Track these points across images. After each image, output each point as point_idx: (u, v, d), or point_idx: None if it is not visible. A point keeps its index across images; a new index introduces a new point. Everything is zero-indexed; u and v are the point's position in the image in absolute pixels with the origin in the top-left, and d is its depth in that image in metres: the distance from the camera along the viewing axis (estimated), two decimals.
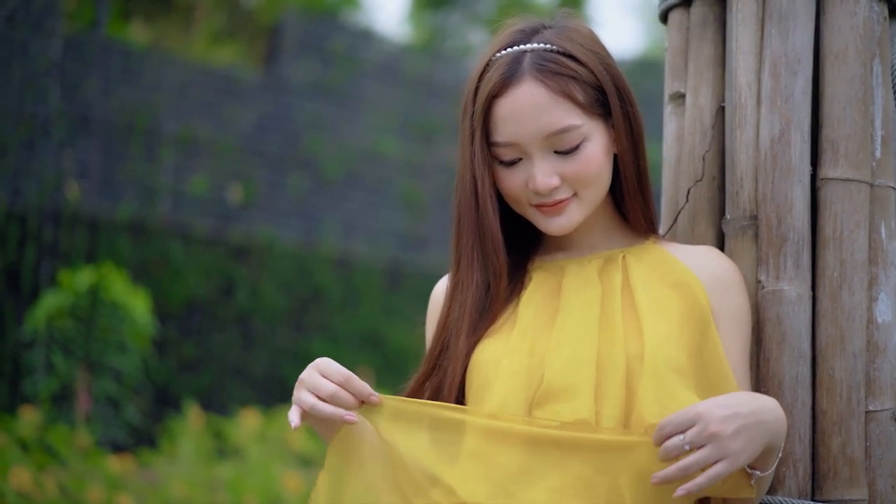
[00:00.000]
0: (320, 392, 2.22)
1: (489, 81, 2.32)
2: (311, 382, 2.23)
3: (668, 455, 2.08)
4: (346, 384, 2.23)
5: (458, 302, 2.39)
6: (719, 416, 2.08)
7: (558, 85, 2.28)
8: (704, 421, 2.07)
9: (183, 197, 11.23)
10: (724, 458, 2.07)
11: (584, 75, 2.31)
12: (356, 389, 2.23)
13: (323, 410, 2.20)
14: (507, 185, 2.36)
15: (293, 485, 7.68)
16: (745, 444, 2.09)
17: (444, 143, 12.70)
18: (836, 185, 2.42)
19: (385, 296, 12.15)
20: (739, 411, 2.10)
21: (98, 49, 10.80)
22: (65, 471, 7.03)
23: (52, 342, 8.29)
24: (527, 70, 2.30)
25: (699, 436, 2.07)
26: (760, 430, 2.12)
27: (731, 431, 2.08)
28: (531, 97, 2.29)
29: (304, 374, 2.25)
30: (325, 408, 2.20)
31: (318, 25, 12.58)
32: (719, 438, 2.07)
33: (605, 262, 2.39)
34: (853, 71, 2.43)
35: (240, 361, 11.12)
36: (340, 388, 2.22)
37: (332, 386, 2.22)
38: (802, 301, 2.39)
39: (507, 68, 2.31)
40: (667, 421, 2.09)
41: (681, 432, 2.08)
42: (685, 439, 2.07)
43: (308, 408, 2.21)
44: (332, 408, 2.21)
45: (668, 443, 2.08)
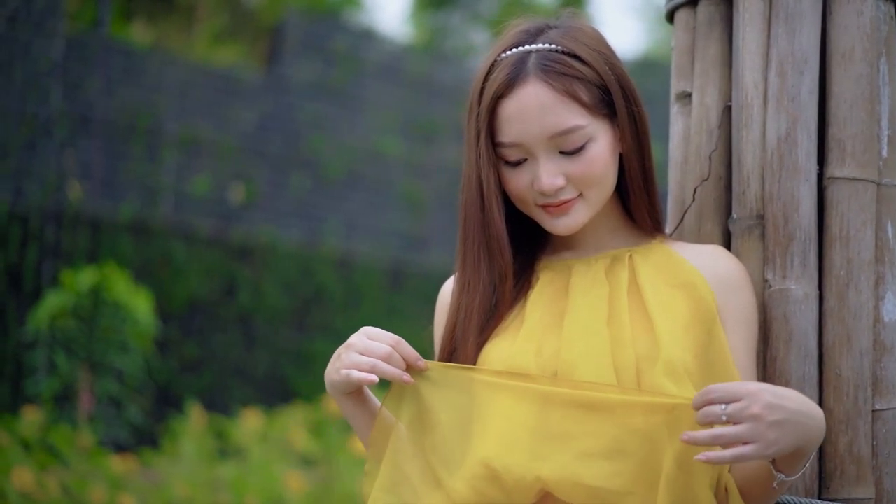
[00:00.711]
0: (375, 353, 2.26)
1: (494, 82, 2.32)
2: (362, 346, 2.27)
3: (704, 419, 2.07)
4: (397, 347, 2.27)
5: (464, 303, 2.38)
6: (766, 401, 2.07)
7: (563, 85, 2.28)
8: (750, 399, 2.06)
9: (185, 197, 11.23)
10: (755, 442, 2.06)
11: (589, 75, 2.31)
12: (405, 353, 2.28)
13: (385, 370, 2.25)
14: (513, 185, 2.36)
15: (295, 485, 7.68)
16: (780, 436, 2.07)
17: (445, 142, 12.70)
18: (842, 184, 2.42)
19: (387, 296, 12.15)
20: (787, 405, 2.08)
21: (100, 49, 10.80)
22: (67, 471, 7.03)
23: (54, 342, 8.30)
24: (532, 70, 2.30)
25: (740, 412, 2.06)
26: (798, 429, 2.10)
27: (771, 420, 2.06)
28: (536, 98, 2.28)
29: (352, 338, 2.30)
30: (385, 367, 2.26)
31: (320, 25, 12.58)
32: (758, 421, 2.06)
33: (612, 261, 2.39)
34: (860, 70, 2.43)
35: (242, 361, 11.12)
36: (394, 351, 2.27)
37: (387, 348, 2.27)
38: (809, 300, 2.39)
39: (512, 69, 2.31)
40: (714, 388, 2.08)
41: (724, 403, 2.07)
42: (725, 410, 2.06)
43: (369, 367, 2.25)
44: (392, 368, 2.26)
45: (707, 408, 2.07)
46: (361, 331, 2.31)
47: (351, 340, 2.29)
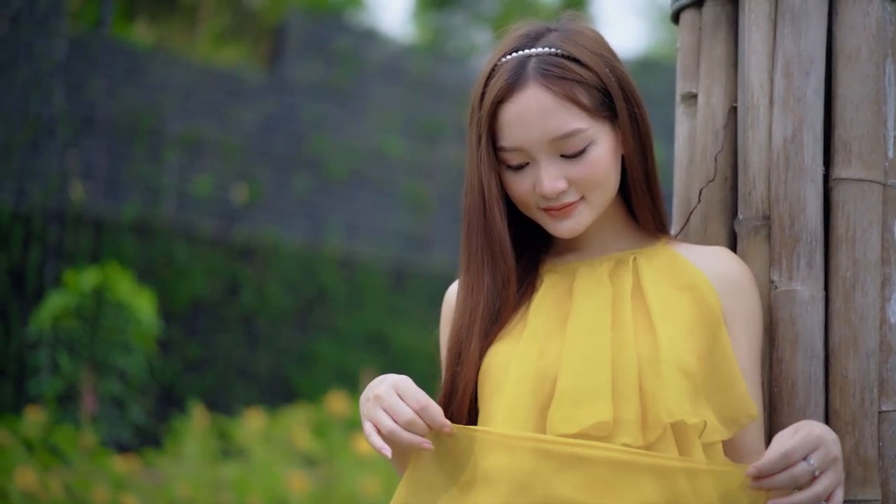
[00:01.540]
0: (398, 417, 2.19)
1: (494, 87, 2.32)
2: (388, 403, 2.21)
3: (795, 482, 2.08)
4: (423, 412, 2.20)
5: (468, 307, 2.38)
6: (833, 440, 2.12)
7: (562, 89, 2.28)
8: (826, 444, 2.10)
9: (188, 197, 11.24)
10: (840, 483, 2.11)
11: (589, 78, 2.30)
12: (431, 418, 2.21)
13: (402, 437, 2.19)
14: (516, 189, 2.35)
15: (298, 485, 7.69)
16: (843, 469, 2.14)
17: (448, 142, 12.70)
18: (848, 185, 2.41)
19: (390, 296, 12.15)
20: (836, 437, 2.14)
21: (102, 49, 10.81)
22: (70, 471, 7.04)
23: (57, 342, 8.30)
24: (531, 75, 2.29)
25: (825, 460, 2.09)
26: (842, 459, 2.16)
27: (841, 456, 2.12)
28: (536, 102, 2.28)
29: (381, 389, 2.23)
30: (403, 435, 2.18)
31: (323, 26, 12.58)
32: (837, 463, 2.11)
33: (616, 263, 2.39)
34: (866, 71, 2.43)
35: (244, 361, 11.13)
36: (417, 417, 2.20)
37: (410, 413, 2.20)
38: (815, 301, 2.39)
39: (511, 73, 2.31)
40: (791, 447, 2.08)
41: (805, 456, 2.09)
42: (814, 464, 2.08)
43: (387, 432, 2.19)
44: (409, 435, 2.18)
45: (796, 469, 2.08)
46: (393, 383, 2.24)
47: (380, 391, 2.23)
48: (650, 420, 2.20)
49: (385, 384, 2.23)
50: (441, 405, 2.35)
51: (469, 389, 2.34)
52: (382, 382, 2.24)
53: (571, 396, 2.22)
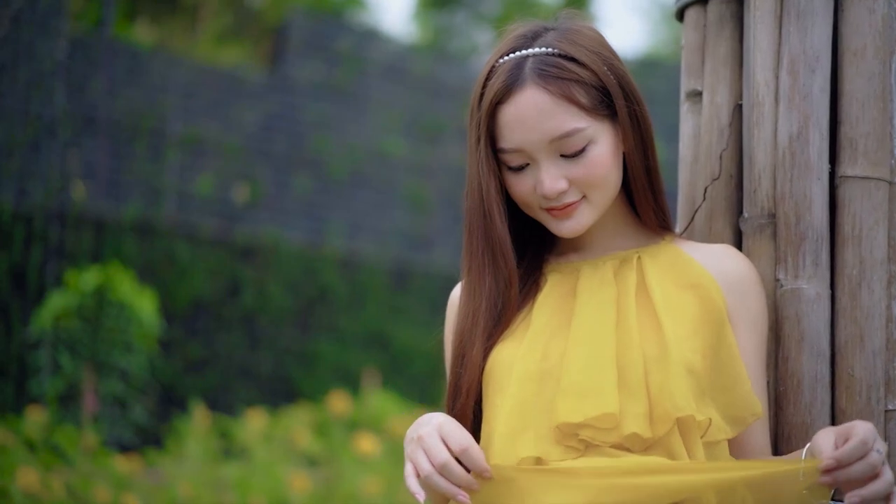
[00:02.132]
0: (433, 458, 2.16)
1: (492, 88, 2.32)
2: (428, 444, 2.17)
3: (873, 470, 2.07)
4: (463, 455, 2.16)
5: (471, 309, 2.37)
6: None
7: (560, 89, 2.27)
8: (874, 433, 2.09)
9: (189, 197, 11.22)
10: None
11: (587, 77, 2.29)
12: (472, 461, 2.17)
13: (437, 484, 2.15)
14: (517, 190, 2.35)
15: (299, 485, 7.68)
16: None
17: (450, 142, 12.68)
18: (854, 182, 2.41)
19: (391, 296, 12.13)
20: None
21: (104, 49, 10.79)
22: (71, 471, 7.02)
23: (58, 342, 8.29)
24: (528, 76, 2.29)
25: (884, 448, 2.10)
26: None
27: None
28: (534, 103, 2.28)
29: (425, 430, 2.20)
30: (439, 481, 2.15)
31: (324, 25, 12.56)
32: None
33: (621, 263, 2.38)
34: (872, 68, 2.42)
35: (246, 361, 11.11)
36: (452, 461, 2.16)
37: (446, 456, 2.16)
38: (821, 299, 2.38)
39: (509, 74, 2.30)
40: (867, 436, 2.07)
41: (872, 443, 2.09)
42: (883, 452, 2.08)
43: (424, 476, 2.15)
44: (445, 483, 2.15)
45: (872, 458, 2.07)
46: (438, 423, 2.21)
47: (423, 432, 2.19)
48: (658, 415, 2.19)
49: (430, 425, 2.20)
50: (446, 408, 2.35)
51: (473, 391, 2.33)
52: (428, 423, 2.21)
53: (577, 389, 2.21)
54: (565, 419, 2.20)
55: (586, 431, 2.20)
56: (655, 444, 2.19)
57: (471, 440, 2.18)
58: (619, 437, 2.19)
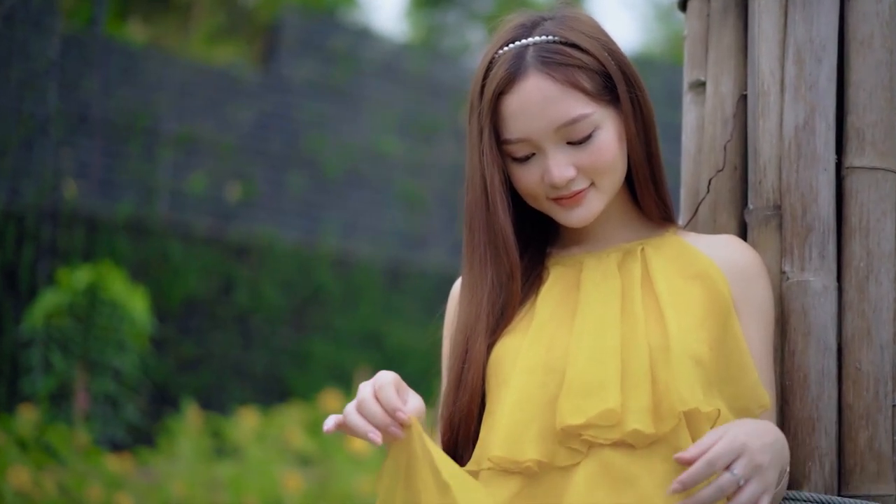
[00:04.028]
0: (356, 401, 2.14)
1: (494, 79, 2.29)
2: (359, 393, 2.15)
3: (722, 494, 2.04)
4: (379, 394, 2.13)
5: (473, 303, 2.34)
6: (759, 446, 2.06)
7: (564, 75, 2.25)
8: (749, 452, 2.05)
9: (182, 196, 11.21)
10: (766, 491, 2.06)
11: (590, 63, 2.27)
12: (385, 400, 2.12)
13: (352, 421, 2.12)
14: (523, 181, 2.32)
15: (292, 484, 7.67)
16: (775, 475, 2.09)
17: (444, 141, 12.67)
18: (861, 173, 2.38)
19: (385, 295, 12.12)
20: (766, 440, 2.09)
21: (97, 48, 10.77)
22: (63, 470, 7.00)
23: (50, 341, 8.26)
24: (531, 64, 2.26)
25: (748, 468, 2.04)
26: (779, 459, 2.11)
27: (768, 462, 2.07)
28: (538, 90, 2.25)
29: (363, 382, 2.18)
30: (354, 419, 2.12)
31: (317, 24, 12.56)
32: (763, 470, 2.06)
33: (625, 254, 2.36)
34: (879, 57, 2.40)
35: (239, 360, 11.10)
36: (370, 399, 2.12)
37: (364, 393, 2.13)
38: (828, 292, 2.35)
39: (511, 64, 2.28)
40: (715, 455, 2.03)
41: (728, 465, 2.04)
42: (739, 475, 2.04)
43: (344, 417, 2.13)
44: (360, 420, 2.11)
45: (720, 481, 2.03)
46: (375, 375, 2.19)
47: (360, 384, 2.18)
48: (664, 410, 2.16)
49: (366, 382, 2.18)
50: (445, 404, 2.32)
51: (477, 387, 2.30)
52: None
53: (580, 388, 2.19)
54: (568, 422, 2.17)
55: (589, 431, 2.17)
56: (660, 439, 2.16)
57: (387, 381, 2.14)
58: (621, 433, 2.16)
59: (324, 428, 2.13)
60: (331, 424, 2.13)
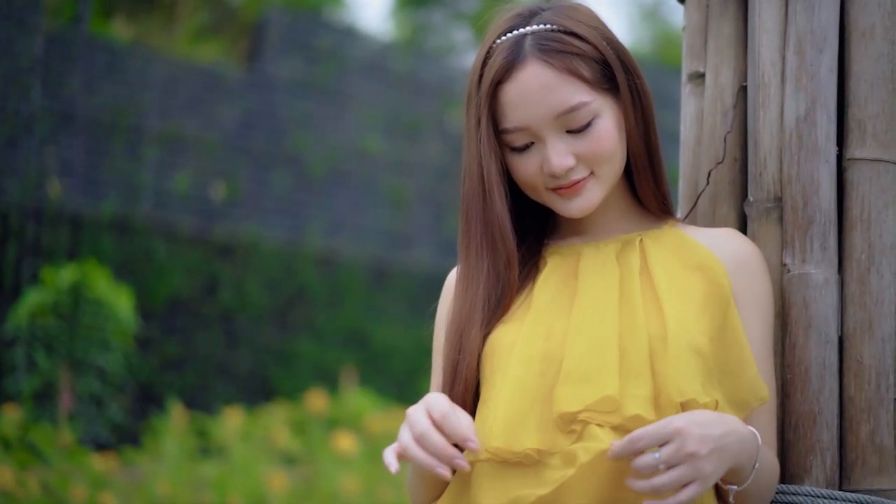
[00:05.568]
0: (413, 429, 2.10)
1: (492, 67, 2.28)
2: (412, 418, 2.11)
3: (642, 469, 2.01)
4: (443, 421, 2.09)
5: (469, 292, 2.32)
6: (697, 435, 2.02)
7: (563, 63, 2.24)
8: (682, 438, 2.01)
9: (166, 194, 11.18)
10: (696, 479, 2.02)
11: (588, 51, 2.27)
12: (452, 430, 2.08)
13: (415, 455, 2.08)
14: (522, 171, 2.31)
15: (278, 483, 7.67)
16: (716, 466, 2.04)
17: (429, 141, 12.67)
18: (863, 165, 2.37)
19: (370, 294, 12.11)
20: (713, 432, 2.04)
21: (81, 46, 10.74)
22: (47, 469, 6.99)
23: (34, 340, 8.23)
24: (529, 52, 2.25)
25: (675, 454, 2.00)
26: (728, 452, 2.06)
27: (705, 452, 2.02)
28: (537, 78, 2.24)
29: (412, 408, 2.13)
30: (417, 453, 2.08)
31: (302, 22, 12.54)
32: (695, 459, 2.01)
33: (623, 245, 2.34)
34: (880, 48, 2.38)
35: (224, 360, 11.08)
36: (431, 429, 2.08)
37: (425, 424, 2.09)
38: (829, 285, 2.34)
39: (509, 52, 2.27)
40: (642, 433, 2.02)
41: (656, 447, 2.01)
42: (660, 458, 2.00)
43: (403, 448, 2.09)
44: (423, 454, 2.08)
45: (641, 459, 2.01)
46: (425, 398, 2.14)
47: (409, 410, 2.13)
48: (663, 401, 2.15)
49: (419, 403, 2.14)
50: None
51: (472, 378, 2.28)
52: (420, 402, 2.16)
53: (577, 375, 2.17)
54: (565, 409, 2.15)
55: (586, 414, 2.14)
56: None
57: (454, 409, 2.11)
58: (621, 418, 2.14)
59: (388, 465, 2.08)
60: (392, 459, 2.09)
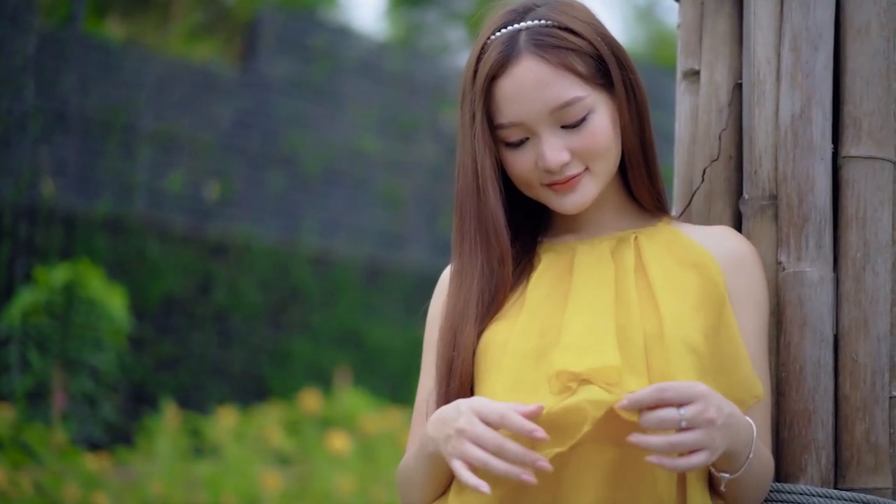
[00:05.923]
0: (485, 444, 2.06)
1: (486, 62, 2.28)
2: (472, 434, 2.07)
3: (658, 425, 1.99)
4: (503, 424, 2.05)
5: (463, 289, 2.31)
6: (716, 405, 2.01)
7: (558, 58, 2.24)
8: (705, 402, 2.00)
9: (160, 194, 11.16)
10: (707, 448, 2.01)
11: (583, 46, 2.26)
12: (514, 426, 2.05)
13: (497, 469, 2.04)
14: (517, 167, 2.30)
15: (271, 483, 7.66)
16: (723, 440, 2.03)
17: (423, 140, 12.66)
18: (858, 163, 2.36)
19: (364, 294, 12.09)
20: (725, 408, 2.04)
21: (75, 45, 10.71)
22: (40, 469, 6.96)
23: (27, 339, 8.20)
24: (524, 47, 2.25)
25: (697, 416, 1.99)
26: (731, 431, 2.05)
27: (721, 423, 2.01)
28: (532, 73, 2.24)
29: (462, 421, 2.08)
30: (498, 466, 2.04)
31: (296, 22, 12.53)
32: (712, 426, 2.00)
33: (618, 242, 2.34)
34: (876, 45, 2.38)
35: (217, 359, 11.06)
36: (506, 440, 2.04)
37: (496, 438, 2.05)
38: (825, 283, 2.33)
39: (504, 47, 2.27)
40: (668, 385, 2.00)
41: (679, 405, 1.99)
42: (684, 415, 1.98)
43: (481, 465, 2.05)
44: (505, 466, 2.04)
45: (663, 412, 1.99)
46: (471, 408, 2.09)
47: (461, 424, 2.08)
48: None
49: (464, 414, 2.09)
50: (436, 392, 2.29)
51: (467, 375, 2.27)
52: (460, 413, 2.11)
53: (577, 347, 2.16)
54: (565, 368, 2.13)
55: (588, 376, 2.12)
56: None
57: (505, 409, 2.06)
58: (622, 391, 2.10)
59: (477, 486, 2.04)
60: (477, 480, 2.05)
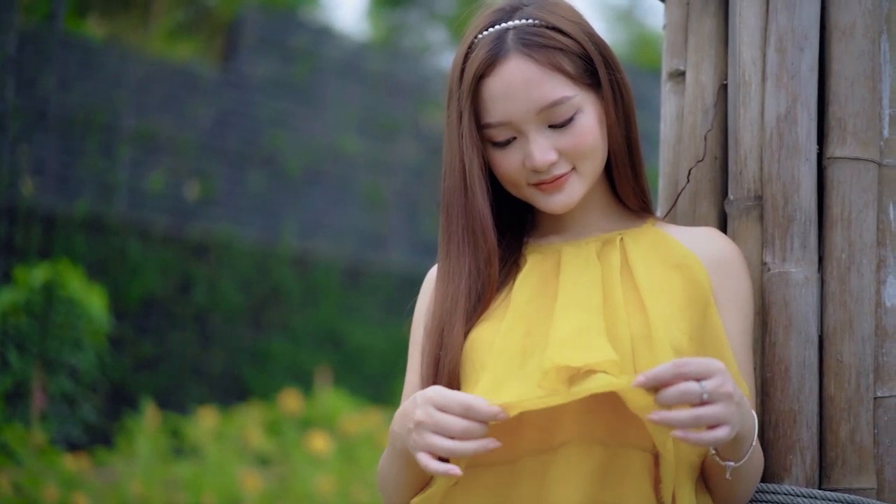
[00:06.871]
0: (449, 431, 2.05)
1: (474, 62, 2.27)
2: (432, 423, 2.06)
3: (680, 398, 1.97)
4: (469, 412, 2.05)
5: (450, 290, 2.31)
6: (732, 381, 2.00)
7: (546, 58, 2.24)
8: (723, 377, 1.99)
9: (140, 193, 11.13)
10: (728, 423, 1.99)
11: (571, 46, 2.26)
12: (479, 414, 2.05)
13: (467, 450, 2.04)
14: (504, 166, 2.30)
15: (251, 483, 7.66)
16: (739, 419, 2.02)
17: (405, 141, 12.66)
18: (843, 164, 2.36)
19: (345, 294, 12.09)
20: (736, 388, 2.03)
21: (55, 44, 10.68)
22: (19, 469, 6.95)
23: (6, 339, 8.18)
24: (512, 46, 2.25)
25: (717, 390, 1.97)
26: (742, 412, 2.04)
27: (737, 399, 2.01)
28: (520, 73, 2.23)
29: (420, 413, 2.08)
30: (468, 447, 2.04)
31: (277, 22, 12.52)
32: (730, 401, 1.99)
33: (603, 244, 2.34)
34: (861, 47, 2.38)
35: (197, 359, 11.04)
36: (470, 424, 2.04)
37: (462, 422, 2.05)
38: (810, 283, 2.34)
39: (491, 47, 2.26)
40: (687, 360, 1.98)
41: (700, 379, 1.97)
42: (705, 388, 1.96)
43: (449, 454, 2.05)
44: (471, 444, 2.04)
45: (685, 385, 1.97)
46: (427, 399, 2.08)
47: (419, 416, 2.07)
48: None
49: (422, 406, 2.09)
50: None
51: (455, 374, 2.26)
52: (416, 406, 2.10)
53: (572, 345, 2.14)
54: (564, 363, 2.10)
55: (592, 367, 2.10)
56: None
57: (466, 396, 2.07)
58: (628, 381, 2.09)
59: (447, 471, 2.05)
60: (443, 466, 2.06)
